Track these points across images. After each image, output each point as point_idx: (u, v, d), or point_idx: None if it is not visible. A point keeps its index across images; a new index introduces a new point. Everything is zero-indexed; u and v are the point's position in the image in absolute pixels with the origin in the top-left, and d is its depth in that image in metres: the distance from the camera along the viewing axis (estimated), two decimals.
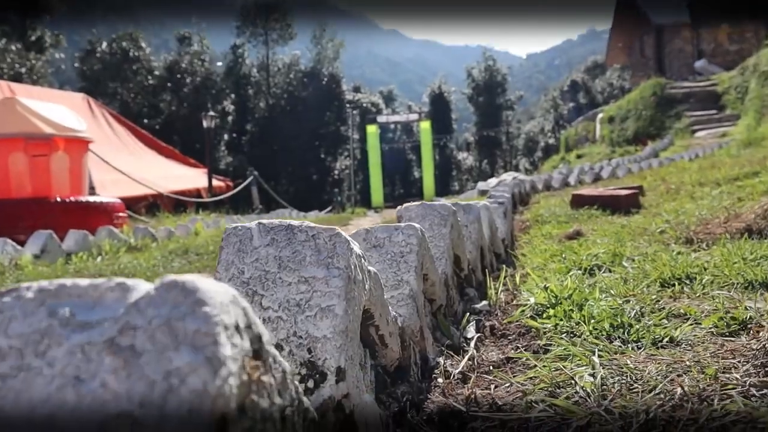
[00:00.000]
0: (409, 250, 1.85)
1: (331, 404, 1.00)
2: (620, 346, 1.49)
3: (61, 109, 9.93)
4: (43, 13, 37.61)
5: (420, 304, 1.83)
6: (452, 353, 1.87)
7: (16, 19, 37.28)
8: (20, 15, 37.71)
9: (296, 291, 1.10)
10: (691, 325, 1.62)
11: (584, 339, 1.56)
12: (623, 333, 1.61)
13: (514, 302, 2.45)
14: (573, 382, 1.20)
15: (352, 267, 1.13)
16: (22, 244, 7.75)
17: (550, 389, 1.24)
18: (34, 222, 8.29)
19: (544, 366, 1.43)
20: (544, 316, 1.93)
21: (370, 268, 1.31)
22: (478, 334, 2.09)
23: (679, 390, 1.03)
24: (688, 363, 1.26)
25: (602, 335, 1.61)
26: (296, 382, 0.74)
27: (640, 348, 1.48)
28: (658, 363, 1.29)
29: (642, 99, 26.22)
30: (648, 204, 6.63)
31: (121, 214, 10.12)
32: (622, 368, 1.28)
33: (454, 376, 1.68)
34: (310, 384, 1.01)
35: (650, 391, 1.08)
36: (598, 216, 6.10)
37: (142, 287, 0.54)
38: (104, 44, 38.37)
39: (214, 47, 42.55)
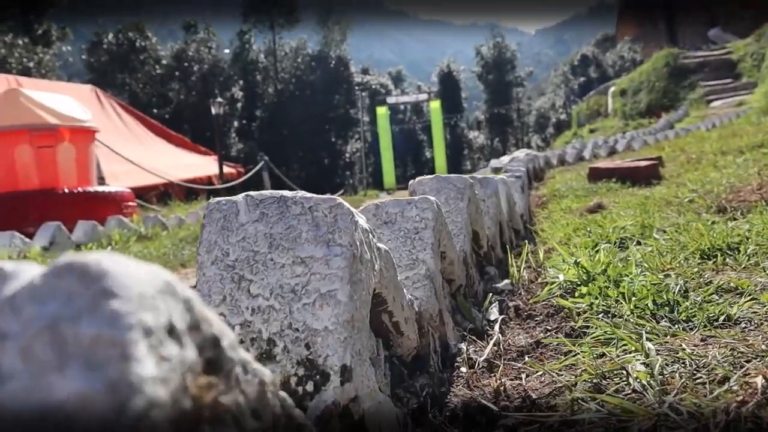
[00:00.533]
0: (424, 226, 1.67)
1: (336, 410, 0.82)
2: (669, 327, 1.30)
3: (65, 99, 9.79)
4: (48, 6, 37.54)
5: (438, 285, 1.64)
6: (475, 338, 1.69)
7: (21, 14, 37.22)
8: (25, 9, 37.65)
9: (291, 274, 0.92)
10: (749, 300, 1.43)
11: (626, 320, 1.37)
12: (670, 311, 1.42)
13: (539, 280, 2.27)
14: (623, 372, 1.02)
15: (358, 244, 0.95)
16: (30, 236, 7.64)
17: (594, 381, 1.05)
18: (42, 214, 8.17)
19: (583, 352, 1.24)
20: (576, 294, 1.74)
21: (380, 245, 1.13)
22: (502, 316, 1.91)
23: (760, 381, 0.84)
24: (757, 346, 1.07)
25: (646, 314, 1.42)
26: (283, 394, 0.56)
27: (693, 329, 1.29)
28: (721, 347, 1.10)
29: (654, 70, 25.73)
30: (669, 175, 6.39)
31: (130, 203, 9.99)
32: (677, 353, 1.09)
33: (478, 365, 1.50)
34: (309, 387, 0.83)
35: (721, 383, 0.90)
36: (618, 189, 5.89)
37: (26, 273, 0.36)
38: (110, 35, 38.24)
39: (220, 35, 42.33)
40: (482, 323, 1.87)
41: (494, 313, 1.96)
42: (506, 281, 2.40)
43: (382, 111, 30.25)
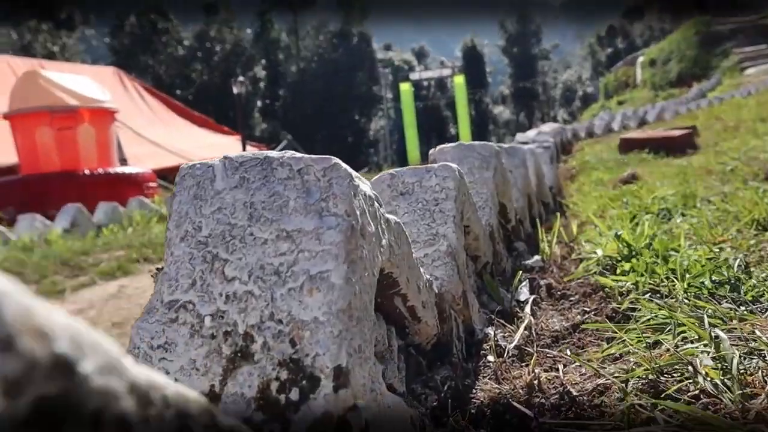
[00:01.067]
0: (445, 196, 1.48)
1: (329, 423, 0.65)
2: (734, 309, 1.11)
3: (84, 80, 9.71)
4: None
5: (461, 263, 1.46)
6: (504, 321, 1.51)
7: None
8: None
9: (274, 252, 0.74)
10: None
11: (681, 301, 1.17)
12: (731, 290, 1.21)
13: (573, 256, 2.07)
14: (687, 368, 0.83)
15: (358, 214, 0.77)
16: (52, 219, 7.60)
17: (650, 378, 0.86)
18: (64, 196, 8.12)
19: (632, 340, 1.05)
20: (618, 271, 1.54)
21: (390, 216, 0.94)
22: (533, 296, 1.72)
23: None
24: None
25: (703, 295, 1.22)
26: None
27: (764, 311, 1.09)
28: None
29: (685, 39, 24.98)
30: (705, 144, 6.10)
31: (151, 183, 9.93)
32: (751, 343, 0.90)
33: (508, 353, 1.31)
34: (294, 395, 0.65)
35: None
36: (651, 159, 5.62)
37: None
38: (132, 18, 38.30)
39: (241, 14, 42.14)
40: (511, 304, 1.68)
41: (524, 293, 1.77)
42: (536, 257, 2.21)
43: (405, 87, 29.88)
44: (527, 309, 1.60)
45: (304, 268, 0.72)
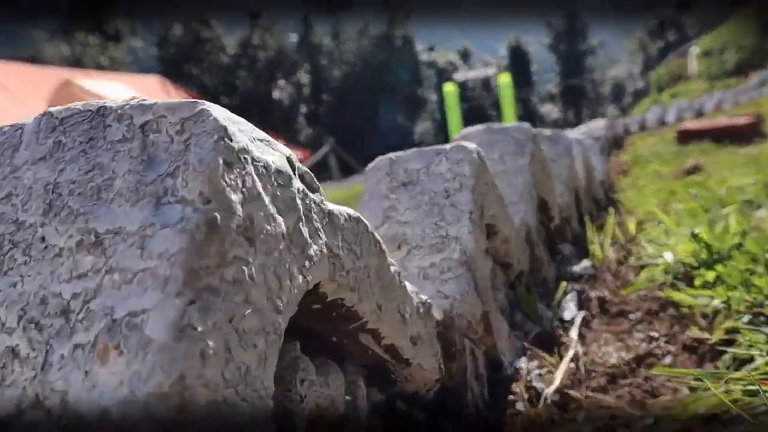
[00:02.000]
0: (459, 186, 1.12)
1: None
2: None
3: (121, 88, 9.64)
4: (117, 3, 38.59)
5: (482, 274, 1.09)
6: (542, 352, 1.13)
7: (93, 12, 38.27)
8: (96, 7, 38.78)
9: (69, 272, 0.39)
10: None
11: None
12: None
13: (631, 261, 1.67)
14: None
15: (237, 199, 0.41)
16: None
17: None
18: None
19: (733, 397, 0.67)
20: (698, 283, 1.15)
21: (337, 208, 0.58)
22: (582, 314, 1.34)
23: None
24: None
25: None
26: None
27: None
28: None
29: (742, 27, 23.85)
30: None
31: None
32: None
33: (545, 399, 0.94)
34: None
35: None
36: (713, 150, 5.11)
37: None
38: (177, 27, 38.97)
39: (283, 20, 42.40)
40: (553, 324, 1.30)
41: (570, 309, 1.39)
42: (586, 262, 1.82)
43: (449, 88, 29.45)
44: (573, 332, 1.22)
45: (107, 305, 0.36)
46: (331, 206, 0.57)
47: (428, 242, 1.07)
